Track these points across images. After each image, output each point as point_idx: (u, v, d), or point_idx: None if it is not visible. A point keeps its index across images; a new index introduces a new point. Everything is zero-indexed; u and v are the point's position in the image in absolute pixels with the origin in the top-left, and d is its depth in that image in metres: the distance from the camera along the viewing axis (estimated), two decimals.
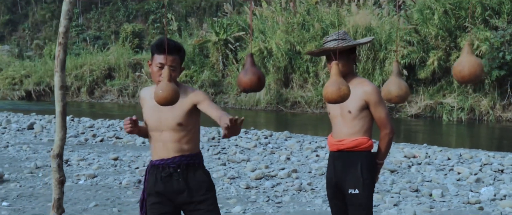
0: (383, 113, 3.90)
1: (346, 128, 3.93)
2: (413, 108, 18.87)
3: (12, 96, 26.73)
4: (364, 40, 4.11)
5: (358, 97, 3.88)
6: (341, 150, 3.94)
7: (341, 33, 3.99)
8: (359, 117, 3.91)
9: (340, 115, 3.98)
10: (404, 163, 9.15)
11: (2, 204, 6.47)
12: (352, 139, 3.91)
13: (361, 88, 3.90)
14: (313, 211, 6.35)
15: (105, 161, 9.35)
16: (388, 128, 3.92)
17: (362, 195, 3.86)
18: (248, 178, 7.89)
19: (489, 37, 17.01)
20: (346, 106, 3.90)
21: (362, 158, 3.90)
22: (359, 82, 3.94)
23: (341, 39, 3.94)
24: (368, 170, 3.89)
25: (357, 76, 4.03)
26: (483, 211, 6.33)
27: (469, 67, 2.38)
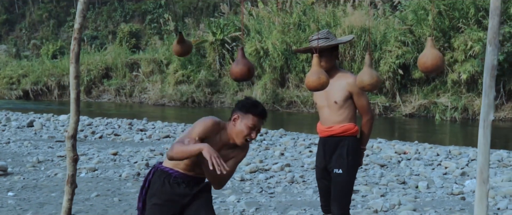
0: (365, 101, 4.41)
1: (334, 116, 4.41)
2: (408, 107, 19.16)
3: (10, 95, 26.95)
4: (344, 39, 4.61)
5: (343, 88, 4.35)
6: (331, 136, 4.41)
7: (325, 33, 4.45)
8: (345, 106, 4.38)
9: (327, 105, 4.44)
10: (394, 158, 9.47)
11: (8, 194, 6.77)
12: (341, 125, 4.39)
13: (345, 80, 4.37)
14: (303, 200, 6.67)
15: (104, 156, 9.64)
16: (369, 114, 4.45)
17: (345, 175, 4.35)
18: (243, 171, 8.20)
19: (482, 38, 17.31)
20: (332, 97, 4.37)
21: (349, 142, 4.39)
22: (342, 75, 4.41)
23: (324, 38, 4.39)
24: (353, 153, 4.38)
25: (340, 70, 4.48)
26: (465, 201, 6.65)
27: (431, 59, 2.72)
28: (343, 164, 4.35)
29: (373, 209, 6.14)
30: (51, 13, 37.61)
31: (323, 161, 4.49)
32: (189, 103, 23.00)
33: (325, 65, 4.32)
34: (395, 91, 19.48)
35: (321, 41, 4.34)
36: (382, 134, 14.49)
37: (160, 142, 11.74)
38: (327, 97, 4.40)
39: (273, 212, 6.17)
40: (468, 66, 17.70)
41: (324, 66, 4.29)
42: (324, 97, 4.42)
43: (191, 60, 23.88)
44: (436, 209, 6.26)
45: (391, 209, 6.20)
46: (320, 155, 4.54)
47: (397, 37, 19.28)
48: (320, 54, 4.08)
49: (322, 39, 4.36)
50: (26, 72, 27.35)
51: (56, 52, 30.35)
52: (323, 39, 4.37)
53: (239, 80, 3.17)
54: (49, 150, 10.30)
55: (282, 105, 20.95)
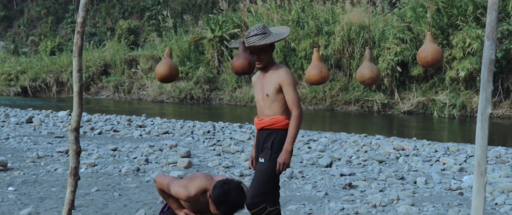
0: (294, 95, 4.37)
1: (266, 109, 4.46)
2: (406, 104, 19.22)
3: (8, 92, 26.93)
4: (282, 35, 4.47)
5: (274, 82, 4.38)
6: (262, 128, 4.48)
7: (261, 28, 4.39)
8: (277, 100, 4.41)
9: (262, 98, 4.48)
10: (392, 154, 9.53)
11: (9, 189, 6.81)
12: (270, 118, 4.44)
13: (276, 73, 4.39)
14: (302, 195, 6.72)
15: (104, 151, 9.67)
16: (298, 109, 4.37)
17: (267, 165, 4.40)
18: (242, 167, 8.24)
19: (481, 35, 17.35)
20: (265, 90, 4.42)
21: (277, 135, 4.41)
22: (275, 68, 4.42)
23: (261, 33, 4.35)
24: (278, 145, 4.39)
25: (275, 63, 4.48)
26: (463, 196, 6.70)
27: (432, 53, 2.76)
28: (266, 154, 4.41)
29: (372, 204, 6.18)
30: (49, 10, 37.56)
31: (256, 152, 4.58)
32: (188, 99, 23.04)
33: (265, 60, 4.38)
34: (394, 88, 19.53)
35: (258, 37, 4.32)
36: (380, 130, 14.56)
37: (159, 138, 11.77)
38: (261, 90, 4.46)
39: None
40: (467, 63, 17.75)
41: (264, 62, 4.37)
42: (259, 90, 4.49)
43: (189, 57, 23.91)
44: (434, 204, 6.31)
45: (389, 204, 6.25)
46: (255, 146, 4.63)
47: (395, 34, 19.33)
48: (258, 51, 4.26)
49: (259, 35, 4.33)
50: (25, 68, 27.34)
51: (55, 49, 30.32)
52: (261, 35, 4.34)
53: (240, 74, 3.23)
54: (49, 146, 10.33)
55: None
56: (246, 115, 18.93)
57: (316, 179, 7.61)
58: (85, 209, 6.06)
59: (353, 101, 19.75)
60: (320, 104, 20.25)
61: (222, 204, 3.79)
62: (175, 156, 9.09)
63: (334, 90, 19.99)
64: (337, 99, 20.06)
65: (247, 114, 19.35)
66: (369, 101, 19.58)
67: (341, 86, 20.03)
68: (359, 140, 11.36)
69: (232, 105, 22.08)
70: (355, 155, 9.42)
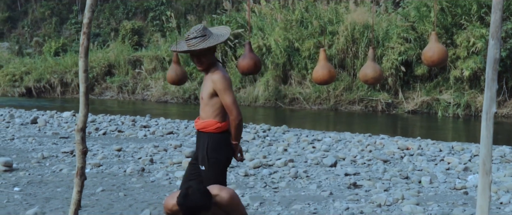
0: (228, 99, 4.35)
1: (202, 112, 4.49)
2: (410, 104, 19.19)
3: (13, 92, 26.99)
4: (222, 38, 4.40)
5: (209, 85, 4.38)
6: (198, 129, 4.53)
7: (201, 30, 4.33)
8: (210, 103, 4.42)
9: (201, 100, 4.52)
10: (397, 154, 9.53)
11: (14, 189, 6.84)
12: (202, 121, 4.47)
13: (212, 77, 4.37)
14: (307, 195, 6.73)
15: (109, 152, 9.70)
16: (234, 113, 4.37)
17: (208, 171, 4.42)
18: (246, 167, 8.25)
19: (485, 34, 17.32)
20: (202, 93, 4.44)
21: (209, 139, 4.43)
22: (212, 72, 4.40)
23: (201, 36, 4.30)
24: (213, 150, 4.41)
25: (216, 65, 4.43)
26: (468, 195, 6.70)
27: (438, 53, 2.76)
28: (204, 161, 4.44)
29: (377, 204, 6.19)
30: (53, 11, 37.63)
31: (196, 152, 4.63)
32: (192, 100, 23.05)
33: (206, 63, 4.37)
34: (398, 88, 19.52)
35: (198, 39, 4.28)
36: (384, 130, 14.55)
37: (164, 138, 11.79)
38: (201, 92, 4.51)
39: (277, 206, 6.22)
40: (471, 62, 17.73)
41: (205, 64, 4.36)
42: (201, 91, 4.52)
43: None
44: (439, 203, 6.31)
45: (394, 203, 6.25)
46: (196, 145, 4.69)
47: (399, 34, 19.31)
48: (199, 54, 4.25)
49: (199, 38, 4.28)
50: (29, 69, 27.38)
51: (59, 50, 30.37)
52: (200, 38, 4.30)
53: (246, 74, 3.25)
54: (54, 146, 10.36)
55: (285, 102, 20.98)
56: (250, 115, 18.94)
57: (320, 178, 7.62)
58: (90, 209, 6.08)
59: (357, 101, 19.74)
60: (324, 104, 20.24)
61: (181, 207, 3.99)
62: (180, 156, 9.11)
63: (338, 89, 19.98)
64: (341, 99, 20.05)
65: (251, 114, 19.36)
66: (373, 100, 19.57)
67: (345, 86, 20.02)
68: (363, 139, 11.36)
69: None
70: (359, 155, 9.42)
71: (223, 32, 4.47)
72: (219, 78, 4.34)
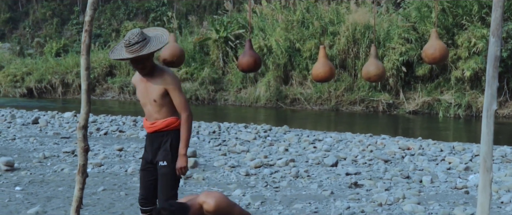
0: (182, 97, 4.39)
1: (156, 113, 4.43)
2: (411, 104, 19.18)
3: (14, 93, 27.01)
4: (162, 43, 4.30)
5: (159, 87, 4.34)
6: (156, 131, 4.48)
7: (139, 34, 4.23)
8: (165, 104, 4.40)
9: (149, 103, 4.45)
10: (398, 154, 9.53)
11: (16, 188, 6.85)
12: (163, 120, 4.42)
13: (161, 77, 4.34)
14: (308, 194, 6.73)
15: (110, 151, 9.71)
16: (187, 111, 4.40)
17: (169, 167, 4.41)
18: (247, 167, 8.27)
19: (486, 35, 17.31)
20: (151, 96, 4.38)
21: (172, 136, 4.43)
22: (160, 73, 4.36)
23: (142, 40, 4.21)
24: (176, 146, 4.41)
25: (157, 67, 4.41)
26: (469, 195, 6.70)
27: (440, 50, 2.77)
28: (167, 157, 4.42)
29: (378, 203, 6.20)
30: (54, 11, 37.65)
31: (150, 155, 4.55)
32: (193, 100, 23.05)
33: (149, 65, 4.32)
34: (399, 88, 19.51)
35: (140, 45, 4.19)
36: (385, 130, 14.55)
37: None
38: (147, 95, 4.43)
39: (278, 205, 6.22)
40: (472, 63, 17.72)
41: (148, 68, 4.31)
42: (145, 94, 4.45)
43: (194, 58, 23.94)
44: (440, 202, 6.31)
45: (395, 203, 6.26)
46: (148, 149, 4.59)
47: (400, 34, 19.31)
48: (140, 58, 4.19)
49: (140, 43, 4.20)
50: (30, 70, 27.41)
51: (60, 50, 30.41)
52: (142, 42, 4.21)
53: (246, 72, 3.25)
54: (55, 146, 10.37)
55: (286, 102, 20.98)
56: (251, 115, 18.96)
57: (321, 178, 7.62)
58: (92, 208, 6.09)
59: (358, 101, 19.74)
60: (325, 104, 20.24)
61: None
62: None
63: (339, 90, 19.98)
64: (342, 99, 20.05)
65: (252, 114, 19.37)
66: (374, 101, 19.57)
67: (346, 86, 20.02)
68: (364, 139, 11.36)
69: (237, 105, 22.09)
70: (360, 155, 9.43)
71: (160, 33, 4.40)
72: (171, 78, 4.34)
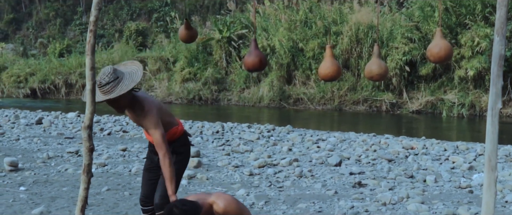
0: (155, 136, 4.13)
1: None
2: (414, 104, 19.17)
3: (17, 94, 27.10)
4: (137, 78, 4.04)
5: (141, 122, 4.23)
6: None
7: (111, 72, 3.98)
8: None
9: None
10: (402, 153, 9.52)
11: (20, 188, 6.86)
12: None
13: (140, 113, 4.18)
14: (312, 194, 6.73)
15: (114, 152, 9.72)
16: (162, 150, 4.11)
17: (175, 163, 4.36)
18: (251, 166, 8.27)
19: (489, 34, 17.30)
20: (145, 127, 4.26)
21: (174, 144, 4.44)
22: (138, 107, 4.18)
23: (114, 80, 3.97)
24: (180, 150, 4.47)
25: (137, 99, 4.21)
26: (473, 194, 6.70)
27: (445, 49, 2.77)
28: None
29: (382, 202, 6.19)
30: (57, 12, 37.74)
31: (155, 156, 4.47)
32: (196, 100, 23.09)
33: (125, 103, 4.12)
34: (402, 88, 19.50)
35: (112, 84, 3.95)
36: (389, 130, 14.54)
37: None
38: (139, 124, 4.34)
39: (282, 205, 6.22)
40: (475, 62, 17.70)
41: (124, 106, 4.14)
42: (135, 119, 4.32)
43: (197, 58, 23.96)
44: (444, 202, 6.31)
45: (399, 202, 6.25)
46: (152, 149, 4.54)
47: (403, 34, 19.30)
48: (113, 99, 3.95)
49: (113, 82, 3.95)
50: (33, 70, 27.48)
51: (63, 51, 30.48)
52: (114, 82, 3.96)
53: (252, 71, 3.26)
54: (59, 146, 10.39)
55: (289, 102, 20.99)
56: (254, 115, 18.97)
57: (325, 177, 7.62)
58: (96, 208, 6.10)
59: (361, 101, 19.74)
60: (328, 104, 20.24)
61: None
62: None
63: (343, 90, 19.98)
64: (346, 99, 20.05)
65: (255, 114, 19.38)
66: (378, 100, 19.56)
67: (349, 86, 20.02)
68: (368, 139, 11.35)
69: (240, 105, 22.10)
70: (364, 154, 9.42)
71: (134, 69, 4.13)
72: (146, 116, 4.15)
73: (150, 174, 4.58)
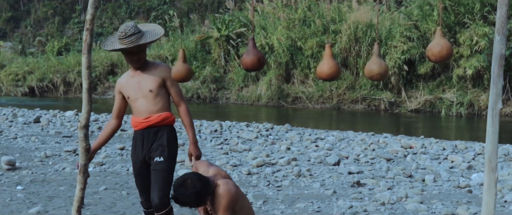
0: (178, 88, 4.44)
1: (151, 106, 4.39)
2: (413, 103, 19.14)
3: (16, 92, 27.04)
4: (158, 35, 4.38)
5: (156, 77, 4.36)
6: (149, 126, 4.39)
7: (134, 27, 4.27)
8: (160, 94, 4.39)
9: (142, 96, 4.39)
10: (400, 152, 9.50)
11: (17, 188, 6.83)
12: (158, 115, 4.39)
13: (157, 68, 4.40)
14: (311, 193, 6.71)
15: (112, 150, 9.69)
16: (185, 103, 4.48)
17: (166, 162, 4.37)
18: (249, 166, 8.24)
19: (488, 33, 17.28)
20: (146, 87, 4.36)
21: (168, 131, 4.42)
22: (154, 65, 4.43)
23: (138, 32, 4.25)
24: (172, 142, 4.43)
25: (149, 61, 4.47)
26: (472, 194, 6.67)
27: (447, 48, 2.74)
28: (164, 153, 4.36)
29: (380, 202, 6.17)
30: (56, 10, 37.66)
31: (141, 154, 4.43)
32: (195, 99, 23.05)
33: (143, 58, 4.36)
34: (401, 87, 19.47)
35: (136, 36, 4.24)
36: (387, 129, 14.52)
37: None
38: (140, 88, 4.38)
39: (280, 204, 6.20)
40: (474, 61, 17.67)
41: (142, 60, 4.34)
42: (137, 88, 4.39)
43: (196, 56, 23.92)
44: (443, 201, 6.28)
45: (398, 202, 6.23)
46: (138, 148, 4.46)
47: (402, 33, 19.27)
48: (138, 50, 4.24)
49: (136, 35, 4.24)
50: (32, 69, 27.42)
51: (61, 49, 30.42)
52: (138, 34, 4.25)
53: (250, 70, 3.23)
54: (57, 145, 10.36)
55: (287, 101, 20.96)
56: (253, 114, 18.93)
57: (324, 177, 7.60)
58: (93, 207, 6.07)
59: (360, 100, 19.71)
60: (326, 103, 20.22)
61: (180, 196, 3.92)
62: (183, 154, 9.08)
63: (341, 88, 19.95)
64: (344, 98, 20.02)
65: (254, 113, 19.35)
66: (376, 99, 19.54)
67: (348, 85, 19.99)
68: (366, 138, 11.33)
69: (239, 104, 22.07)
70: (362, 153, 9.39)
71: (153, 28, 4.46)
72: (168, 69, 4.37)
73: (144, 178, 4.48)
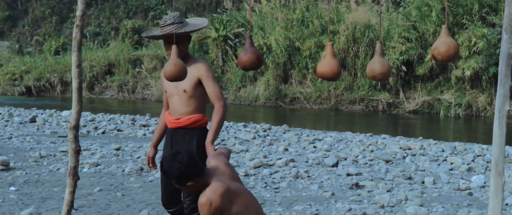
0: (214, 87, 4.16)
1: (184, 106, 4.22)
2: (411, 104, 19.07)
3: (12, 91, 26.89)
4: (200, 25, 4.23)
5: (192, 75, 4.12)
6: (179, 127, 4.24)
7: (178, 16, 4.15)
8: (194, 96, 4.20)
9: (177, 94, 4.23)
10: (399, 154, 9.40)
11: (10, 189, 6.71)
12: (189, 117, 4.21)
13: (194, 66, 4.16)
14: (309, 195, 6.60)
15: (107, 151, 9.58)
16: (220, 102, 4.16)
17: None
18: (247, 167, 8.13)
19: (486, 34, 17.22)
20: (182, 86, 4.16)
21: (198, 134, 4.21)
22: (193, 61, 4.20)
23: (178, 22, 4.11)
24: (203, 145, 4.14)
25: (191, 56, 4.26)
26: (473, 196, 6.58)
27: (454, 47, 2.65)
28: None
29: (380, 204, 6.06)
30: (53, 10, 37.53)
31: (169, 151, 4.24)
32: None
33: (183, 51, 4.15)
34: (399, 88, 19.40)
35: (176, 25, 4.09)
36: (386, 130, 14.43)
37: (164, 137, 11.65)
38: (176, 85, 4.20)
39: (278, 207, 6.09)
40: (472, 62, 17.61)
41: (182, 53, 4.11)
42: (174, 85, 4.21)
43: None
44: (443, 204, 6.18)
45: (397, 204, 6.12)
46: (168, 146, 4.34)
47: (400, 33, 19.19)
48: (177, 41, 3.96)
49: (177, 24, 4.09)
50: (29, 68, 27.28)
51: (59, 49, 30.29)
52: (178, 24, 4.10)
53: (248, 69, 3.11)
54: (52, 145, 10.24)
55: (285, 102, 20.86)
56: (250, 114, 18.83)
57: (322, 179, 7.49)
58: (87, 209, 5.96)
59: (358, 101, 19.62)
60: (324, 104, 20.12)
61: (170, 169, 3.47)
62: None
63: (339, 89, 19.86)
64: (342, 99, 19.93)
65: (251, 113, 19.24)
66: (374, 100, 19.45)
67: (346, 86, 19.91)
68: (364, 139, 11.23)
69: (237, 104, 21.96)
70: (361, 155, 9.29)
71: (200, 22, 4.30)
72: (205, 66, 4.18)
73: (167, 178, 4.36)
